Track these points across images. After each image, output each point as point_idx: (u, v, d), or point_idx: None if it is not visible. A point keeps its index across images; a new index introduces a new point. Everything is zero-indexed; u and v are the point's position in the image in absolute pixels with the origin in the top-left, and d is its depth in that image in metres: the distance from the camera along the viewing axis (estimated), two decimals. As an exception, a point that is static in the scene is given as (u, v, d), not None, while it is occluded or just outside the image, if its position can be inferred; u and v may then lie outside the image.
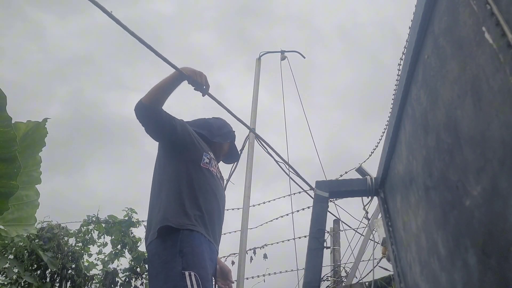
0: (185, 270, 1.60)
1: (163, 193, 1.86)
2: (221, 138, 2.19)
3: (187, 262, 1.63)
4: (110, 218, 4.76)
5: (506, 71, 0.53)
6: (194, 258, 1.65)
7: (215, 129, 2.19)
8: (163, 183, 1.89)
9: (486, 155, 0.60)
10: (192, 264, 1.63)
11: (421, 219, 0.99)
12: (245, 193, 3.52)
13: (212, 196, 1.90)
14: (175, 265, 1.62)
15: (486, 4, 0.58)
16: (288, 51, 4.53)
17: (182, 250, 1.65)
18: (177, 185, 1.84)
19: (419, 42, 0.92)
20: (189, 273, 1.59)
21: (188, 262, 1.63)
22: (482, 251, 0.63)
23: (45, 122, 2.84)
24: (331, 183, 1.68)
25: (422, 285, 1.03)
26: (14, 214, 2.82)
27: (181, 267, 1.61)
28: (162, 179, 1.91)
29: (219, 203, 1.94)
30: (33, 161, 2.87)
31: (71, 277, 4.30)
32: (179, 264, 1.62)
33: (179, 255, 1.64)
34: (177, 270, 1.60)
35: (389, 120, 1.38)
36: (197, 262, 1.65)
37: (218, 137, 2.18)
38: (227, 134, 2.25)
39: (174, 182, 1.85)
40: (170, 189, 1.85)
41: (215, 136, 2.17)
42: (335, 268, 4.44)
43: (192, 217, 1.77)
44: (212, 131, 2.17)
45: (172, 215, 1.75)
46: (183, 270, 1.60)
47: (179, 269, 1.60)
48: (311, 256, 1.53)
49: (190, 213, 1.77)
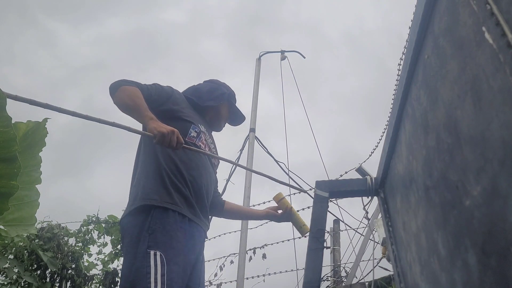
0: (151, 248, 1.49)
1: (141, 169, 1.76)
2: (213, 102, 2.03)
3: (154, 240, 1.52)
4: (110, 218, 4.77)
5: (506, 71, 0.53)
6: (164, 237, 1.54)
7: (205, 93, 2.04)
8: (143, 159, 1.79)
9: (486, 155, 0.60)
10: (160, 243, 1.52)
11: (421, 219, 0.99)
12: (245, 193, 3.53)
13: (197, 172, 1.77)
14: (141, 243, 1.51)
15: (486, 4, 0.58)
16: (288, 51, 4.54)
17: (151, 227, 1.54)
18: (157, 161, 1.72)
19: (419, 42, 0.92)
20: (154, 252, 1.48)
21: (156, 240, 1.52)
22: (482, 251, 0.63)
23: (45, 122, 2.84)
24: (331, 183, 1.68)
25: (422, 285, 1.03)
26: (14, 214, 2.82)
27: (147, 246, 1.50)
28: (143, 154, 1.81)
29: (207, 180, 1.82)
30: (33, 161, 2.87)
31: (71, 277, 4.30)
32: (145, 242, 1.51)
33: (147, 232, 1.54)
34: (142, 249, 1.50)
35: (389, 120, 1.38)
36: (166, 241, 1.53)
37: (210, 101, 2.03)
38: (219, 97, 2.07)
39: (154, 158, 1.74)
40: (150, 164, 1.74)
41: (206, 101, 2.02)
42: (335, 268, 4.44)
43: (173, 194, 1.65)
44: (201, 96, 2.03)
45: (150, 191, 1.65)
46: (148, 249, 1.49)
47: (144, 247, 1.50)
48: (311, 256, 1.53)
49: (171, 189, 1.66)
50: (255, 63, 4.40)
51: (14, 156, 2.19)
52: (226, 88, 2.18)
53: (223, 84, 2.20)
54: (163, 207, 1.60)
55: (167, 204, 1.61)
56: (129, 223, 1.62)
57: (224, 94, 2.11)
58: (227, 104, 2.14)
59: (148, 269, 1.44)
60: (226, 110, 2.13)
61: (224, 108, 2.12)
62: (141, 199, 1.64)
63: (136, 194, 1.68)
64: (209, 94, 2.04)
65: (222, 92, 2.11)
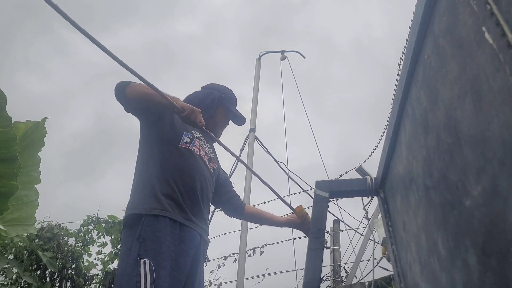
0: (141, 257, 1.54)
1: (135, 178, 1.81)
2: (205, 111, 1.96)
3: (144, 248, 1.56)
4: (110, 218, 4.77)
5: (506, 71, 0.53)
6: (154, 244, 1.57)
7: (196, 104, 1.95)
8: (137, 168, 1.84)
9: (486, 155, 0.60)
10: (150, 250, 1.55)
11: (421, 219, 0.99)
12: (245, 193, 3.53)
13: (190, 177, 1.78)
14: (132, 252, 1.56)
15: (486, 4, 0.58)
16: (288, 51, 4.54)
17: (142, 235, 1.59)
18: (148, 168, 1.78)
19: (419, 42, 0.92)
20: (144, 261, 1.53)
21: (145, 248, 1.56)
22: (482, 251, 0.63)
23: (44, 122, 2.83)
24: (331, 183, 1.68)
25: (422, 285, 1.03)
26: (14, 214, 2.82)
27: (137, 254, 1.55)
28: (137, 164, 1.86)
29: (202, 184, 1.82)
30: (32, 161, 2.87)
31: (71, 277, 4.30)
32: (135, 251, 1.56)
33: (137, 241, 1.58)
34: (133, 257, 1.54)
35: (389, 120, 1.38)
36: (155, 248, 1.57)
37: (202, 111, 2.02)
38: (209, 105, 2.04)
39: (145, 165, 1.79)
40: (141, 172, 1.79)
41: None
42: (335, 268, 4.44)
43: (163, 200, 1.68)
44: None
45: (139, 201, 1.70)
46: (138, 257, 1.54)
47: (135, 255, 1.54)
48: (311, 256, 1.53)
49: (160, 196, 1.68)
50: (255, 63, 4.40)
51: (14, 156, 2.19)
52: (221, 90, 2.13)
53: (219, 87, 2.15)
54: (153, 215, 1.64)
55: (156, 211, 1.65)
56: (125, 233, 1.68)
57: (214, 100, 2.06)
58: (222, 108, 2.09)
59: (138, 277, 1.50)
60: (221, 115, 2.10)
61: (218, 114, 2.08)
62: (131, 208, 1.71)
63: (130, 204, 1.75)
64: (201, 104, 1.98)
65: (213, 98, 2.06)
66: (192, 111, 1.70)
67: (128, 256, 1.56)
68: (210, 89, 2.14)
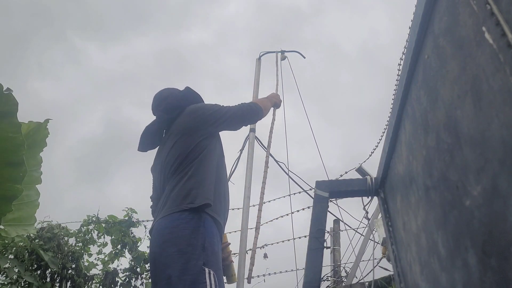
0: (206, 266, 1.57)
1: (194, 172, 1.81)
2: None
3: (207, 258, 1.59)
4: (110, 218, 4.76)
5: (506, 71, 0.53)
6: (214, 257, 1.63)
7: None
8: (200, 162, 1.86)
9: (486, 155, 0.60)
10: (212, 262, 1.61)
11: (421, 219, 0.99)
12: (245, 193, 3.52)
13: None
14: (195, 257, 1.57)
15: (486, 4, 0.58)
16: (288, 51, 4.52)
17: (204, 245, 1.61)
18: (211, 169, 1.87)
19: (419, 42, 0.92)
20: (209, 271, 1.56)
21: (208, 259, 1.60)
22: (482, 251, 0.63)
23: (46, 123, 2.84)
24: (331, 183, 1.68)
25: (422, 285, 1.03)
26: (14, 214, 2.82)
27: (202, 262, 1.57)
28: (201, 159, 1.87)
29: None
30: (33, 161, 2.87)
31: (71, 277, 4.29)
32: (200, 258, 1.58)
33: (201, 249, 1.60)
34: (198, 264, 1.56)
35: (389, 120, 1.38)
36: (215, 261, 1.64)
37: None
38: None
39: (209, 165, 1.88)
40: (204, 170, 1.84)
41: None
42: (335, 268, 4.44)
43: (221, 203, 1.83)
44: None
45: (202, 193, 1.74)
46: (203, 266, 1.56)
47: (200, 263, 1.56)
48: (311, 256, 1.53)
49: (216, 198, 1.80)
50: (255, 63, 4.40)
51: (21, 160, 2.20)
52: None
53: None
54: (211, 216, 1.72)
55: (215, 214, 1.75)
56: (180, 225, 1.64)
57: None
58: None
59: (205, 285, 1.52)
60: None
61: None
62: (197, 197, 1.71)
63: (188, 193, 1.73)
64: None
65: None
66: (280, 102, 2.79)
67: (185, 259, 1.57)
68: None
